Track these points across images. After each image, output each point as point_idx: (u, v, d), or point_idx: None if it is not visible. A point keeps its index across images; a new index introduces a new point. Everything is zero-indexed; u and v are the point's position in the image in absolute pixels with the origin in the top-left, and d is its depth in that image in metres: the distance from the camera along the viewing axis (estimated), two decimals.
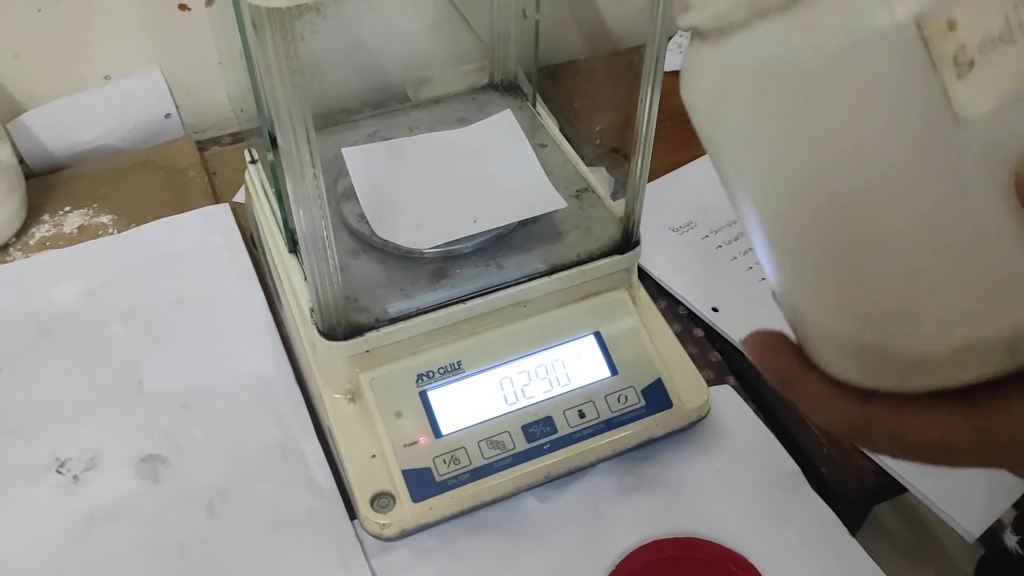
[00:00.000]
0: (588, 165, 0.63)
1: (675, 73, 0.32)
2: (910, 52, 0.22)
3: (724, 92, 0.26)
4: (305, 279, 0.54)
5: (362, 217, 0.57)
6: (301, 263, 0.55)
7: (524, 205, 0.57)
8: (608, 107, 0.52)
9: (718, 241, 0.68)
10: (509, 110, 0.63)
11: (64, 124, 0.73)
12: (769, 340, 0.29)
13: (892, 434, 0.27)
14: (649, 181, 0.72)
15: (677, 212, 0.69)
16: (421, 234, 0.55)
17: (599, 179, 0.62)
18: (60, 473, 0.54)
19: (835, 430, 0.28)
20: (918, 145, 0.23)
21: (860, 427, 0.27)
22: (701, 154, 0.74)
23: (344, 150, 0.60)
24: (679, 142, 0.77)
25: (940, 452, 0.26)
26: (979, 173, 0.23)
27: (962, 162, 0.23)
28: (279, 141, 0.44)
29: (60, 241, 0.69)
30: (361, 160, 0.60)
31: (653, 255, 0.66)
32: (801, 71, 0.24)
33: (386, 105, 0.72)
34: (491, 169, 0.60)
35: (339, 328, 0.52)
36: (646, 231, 0.67)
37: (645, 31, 0.47)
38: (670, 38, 0.85)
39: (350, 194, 0.59)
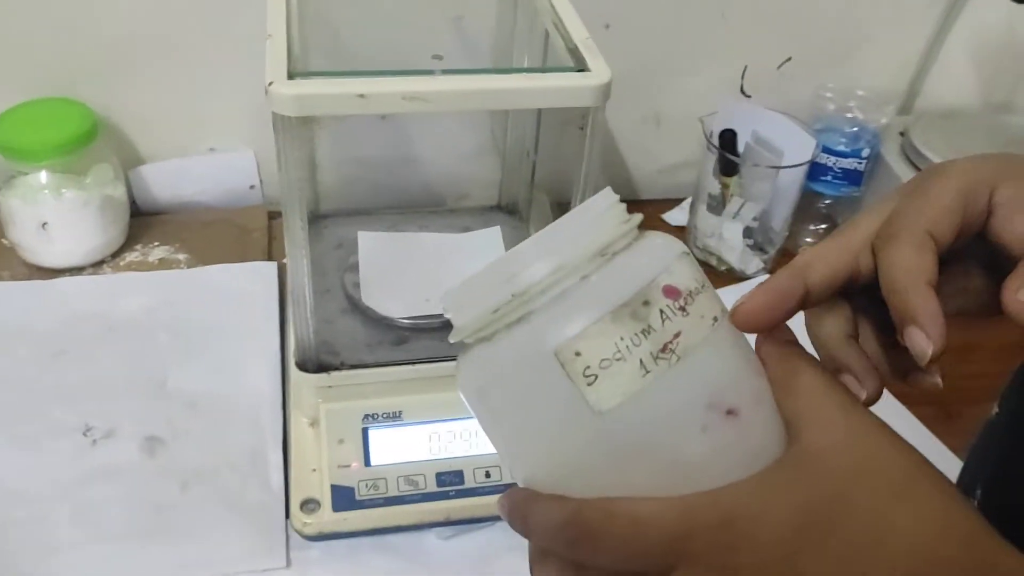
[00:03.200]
0: None
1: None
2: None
3: (478, 387, 0.34)
4: None
5: (357, 285, 0.72)
6: None
7: None
8: None
9: None
10: (499, 227, 0.78)
11: (170, 179, 0.92)
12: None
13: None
14: None
15: None
16: (395, 306, 0.70)
17: None
18: (85, 436, 0.69)
19: None
20: (578, 430, 0.31)
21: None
22: None
23: (360, 233, 0.76)
24: None
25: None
26: (622, 443, 0.32)
27: (605, 439, 0.32)
28: (283, 213, 0.59)
29: (143, 267, 0.86)
30: (370, 243, 0.75)
31: None
32: (512, 379, 0.33)
33: (429, 206, 0.88)
34: (467, 268, 0.74)
35: (310, 363, 0.66)
36: None
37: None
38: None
39: (355, 267, 0.74)
